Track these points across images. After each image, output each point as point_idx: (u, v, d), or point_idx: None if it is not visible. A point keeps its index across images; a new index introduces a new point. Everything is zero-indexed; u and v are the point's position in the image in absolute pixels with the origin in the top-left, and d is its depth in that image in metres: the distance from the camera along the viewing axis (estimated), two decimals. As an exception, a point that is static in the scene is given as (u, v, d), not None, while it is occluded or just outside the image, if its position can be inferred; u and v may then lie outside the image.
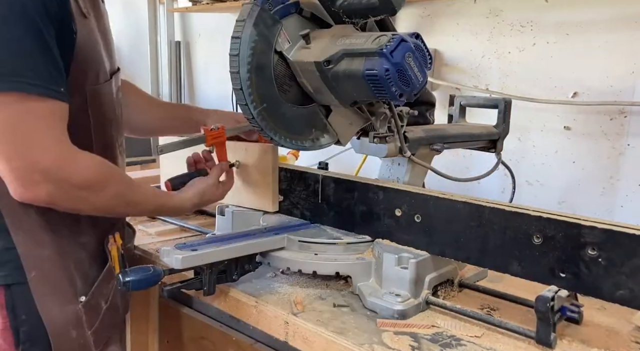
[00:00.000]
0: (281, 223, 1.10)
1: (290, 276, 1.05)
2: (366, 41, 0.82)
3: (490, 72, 1.51)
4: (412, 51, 0.80)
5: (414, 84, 0.82)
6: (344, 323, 0.86)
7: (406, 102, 0.86)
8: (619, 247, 0.72)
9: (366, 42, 0.82)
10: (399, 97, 0.81)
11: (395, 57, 0.79)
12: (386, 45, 0.79)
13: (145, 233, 1.32)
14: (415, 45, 0.81)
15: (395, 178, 1.09)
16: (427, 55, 0.84)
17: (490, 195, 1.02)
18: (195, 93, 2.57)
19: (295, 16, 0.91)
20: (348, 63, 0.83)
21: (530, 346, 0.80)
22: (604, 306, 0.92)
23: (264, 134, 0.91)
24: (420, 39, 0.83)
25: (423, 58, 0.82)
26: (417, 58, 0.81)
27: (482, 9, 1.50)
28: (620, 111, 1.29)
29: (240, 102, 0.88)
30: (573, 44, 1.34)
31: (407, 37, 0.80)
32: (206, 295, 0.94)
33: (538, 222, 0.79)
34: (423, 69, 0.83)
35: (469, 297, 0.97)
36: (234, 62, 0.86)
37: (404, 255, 0.92)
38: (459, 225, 0.87)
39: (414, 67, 0.81)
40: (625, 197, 1.30)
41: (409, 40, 0.80)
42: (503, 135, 1.27)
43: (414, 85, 0.82)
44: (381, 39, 0.80)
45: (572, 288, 0.78)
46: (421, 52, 0.82)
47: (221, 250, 0.93)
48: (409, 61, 0.80)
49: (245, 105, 0.87)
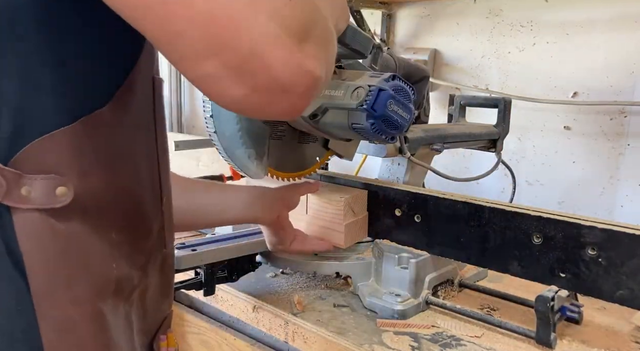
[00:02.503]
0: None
1: (290, 276, 1.05)
2: (345, 95, 0.79)
3: (490, 72, 1.51)
4: (392, 98, 0.77)
5: (402, 124, 0.80)
6: (344, 323, 0.86)
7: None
8: (619, 246, 0.72)
9: (345, 97, 0.79)
10: (391, 139, 0.81)
11: (377, 111, 0.76)
12: (365, 100, 0.76)
13: (145, 233, 1.32)
14: (395, 89, 0.78)
15: (395, 179, 1.09)
16: (409, 90, 0.81)
17: (490, 195, 1.02)
18: (194, 97, 2.57)
19: None
20: (333, 116, 0.82)
21: (530, 346, 0.80)
22: (604, 306, 0.92)
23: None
24: (397, 78, 0.80)
25: (405, 96, 0.80)
26: (399, 101, 0.79)
27: (482, 9, 1.50)
28: (620, 111, 1.29)
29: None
30: (573, 44, 1.34)
31: (384, 84, 0.77)
32: (206, 295, 0.94)
33: (538, 222, 0.79)
34: (408, 106, 0.81)
35: (469, 297, 0.97)
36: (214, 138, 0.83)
37: (404, 255, 0.93)
38: (459, 225, 0.87)
39: (397, 110, 0.79)
40: (625, 197, 1.30)
41: (387, 86, 0.77)
42: (503, 135, 1.27)
43: (402, 126, 0.80)
44: (359, 92, 0.77)
45: (572, 288, 0.78)
46: (402, 92, 0.80)
47: (221, 250, 0.93)
48: (392, 108, 0.78)
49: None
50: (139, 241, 0.56)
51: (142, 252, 0.56)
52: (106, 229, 0.52)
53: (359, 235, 0.96)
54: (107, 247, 0.52)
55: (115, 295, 0.52)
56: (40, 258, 0.47)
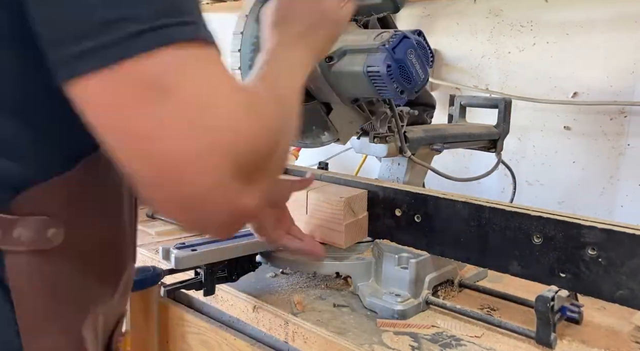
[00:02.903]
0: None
1: (290, 276, 1.05)
2: (368, 38, 0.82)
3: (490, 72, 1.51)
4: (414, 48, 0.80)
5: (416, 80, 0.82)
6: (344, 323, 0.86)
7: (406, 101, 0.86)
8: (619, 246, 0.72)
9: (368, 39, 0.81)
10: (400, 93, 0.81)
11: (397, 53, 0.78)
12: (389, 40, 0.78)
13: (145, 233, 1.31)
14: (418, 42, 0.81)
15: (395, 178, 1.09)
16: (429, 53, 0.84)
17: (490, 195, 1.02)
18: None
19: None
20: (350, 59, 0.83)
21: (530, 346, 0.80)
22: (604, 306, 0.92)
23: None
24: (422, 36, 0.83)
25: (425, 55, 0.82)
26: (419, 55, 0.81)
27: (482, 9, 1.50)
28: (620, 111, 1.29)
29: None
30: (573, 44, 1.34)
31: (410, 34, 0.80)
32: (206, 295, 0.94)
33: (538, 222, 0.79)
34: (425, 66, 0.82)
35: (469, 297, 0.97)
36: (235, 58, 0.86)
37: (404, 255, 0.92)
38: (459, 225, 0.87)
39: (415, 63, 0.81)
40: (625, 197, 1.30)
41: (412, 37, 0.80)
42: (503, 135, 1.27)
43: (415, 82, 0.82)
44: (383, 36, 0.80)
45: (572, 288, 0.78)
46: (423, 50, 0.82)
47: (221, 250, 0.92)
48: (410, 58, 0.80)
49: None
50: (116, 275, 0.60)
51: (117, 282, 0.60)
52: (92, 268, 0.55)
53: (359, 235, 0.96)
54: (90, 282, 0.55)
55: (92, 317, 0.57)
56: (29, 293, 0.50)
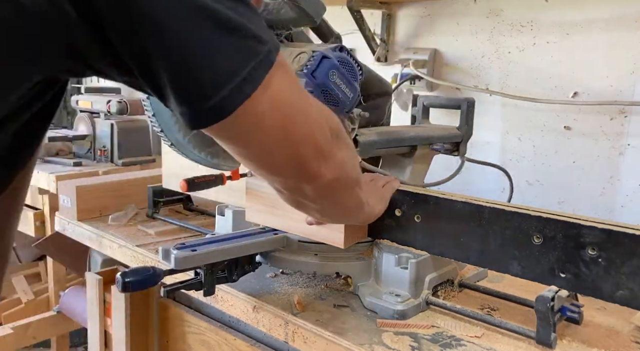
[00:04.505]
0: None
1: (290, 276, 1.05)
2: (287, 59, 0.76)
3: (490, 72, 1.51)
4: (335, 68, 0.73)
5: (344, 101, 0.76)
6: (344, 324, 0.86)
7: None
8: (619, 246, 0.72)
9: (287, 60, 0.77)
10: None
11: (318, 78, 0.72)
12: (306, 65, 0.72)
13: (145, 233, 1.32)
14: (340, 60, 0.74)
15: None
16: (356, 67, 0.77)
17: (490, 195, 1.02)
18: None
19: None
20: None
21: (530, 346, 0.80)
22: (604, 306, 0.92)
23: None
24: (345, 51, 0.76)
25: (350, 72, 0.76)
26: (342, 74, 0.74)
27: (482, 8, 1.50)
28: (620, 111, 1.29)
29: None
30: (573, 44, 1.34)
31: (330, 53, 0.73)
32: (206, 295, 0.94)
33: (538, 222, 0.79)
34: (352, 83, 0.76)
35: (469, 297, 0.97)
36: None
37: (404, 255, 0.92)
38: (459, 225, 0.87)
39: (340, 84, 0.74)
40: (625, 197, 1.30)
41: (332, 55, 0.73)
42: (466, 137, 1.20)
43: (343, 103, 0.76)
44: (301, 58, 0.74)
45: (572, 288, 0.78)
46: (347, 66, 0.75)
47: (221, 250, 0.92)
48: (333, 79, 0.73)
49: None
50: None
51: None
52: None
53: (359, 235, 0.96)
54: None
55: None
56: None
